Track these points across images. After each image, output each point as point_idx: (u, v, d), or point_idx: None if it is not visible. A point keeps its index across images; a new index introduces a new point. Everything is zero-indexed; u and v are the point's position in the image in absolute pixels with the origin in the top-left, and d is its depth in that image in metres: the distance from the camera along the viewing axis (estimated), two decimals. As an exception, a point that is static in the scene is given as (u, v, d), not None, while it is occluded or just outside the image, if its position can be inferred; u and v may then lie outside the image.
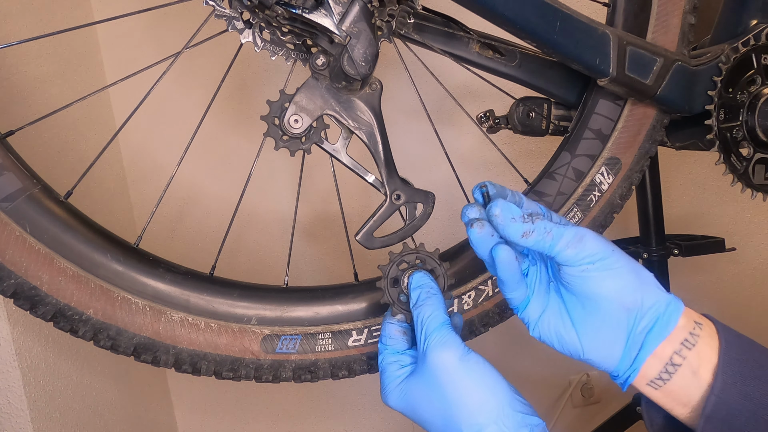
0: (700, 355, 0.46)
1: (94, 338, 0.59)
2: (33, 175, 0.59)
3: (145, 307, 0.61)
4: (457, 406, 0.49)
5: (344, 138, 0.62)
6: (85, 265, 0.59)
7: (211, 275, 0.66)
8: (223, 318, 0.63)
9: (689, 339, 0.47)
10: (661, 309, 0.47)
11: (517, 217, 0.48)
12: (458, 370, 0.50)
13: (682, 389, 0.47)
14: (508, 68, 0.72)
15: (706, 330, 0.47)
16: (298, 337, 0.65)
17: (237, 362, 0.63)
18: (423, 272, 0.58)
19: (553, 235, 0.47)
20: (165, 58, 0.64)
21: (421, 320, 0.53)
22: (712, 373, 0.46)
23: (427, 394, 0.51)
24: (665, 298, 0.48)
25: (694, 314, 0.49)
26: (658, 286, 0.49)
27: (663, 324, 0.47)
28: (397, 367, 0.56)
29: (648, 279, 0.49)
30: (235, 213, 0.69)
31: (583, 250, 0.47)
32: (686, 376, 0.47)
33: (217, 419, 1.35)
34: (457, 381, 0.50)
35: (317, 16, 0.54)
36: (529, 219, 0.48)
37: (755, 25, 0.73)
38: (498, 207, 0.48)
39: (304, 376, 0.64)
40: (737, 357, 0.46)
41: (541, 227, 0.48)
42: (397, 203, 0.62)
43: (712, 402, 0.45)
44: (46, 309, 0.57)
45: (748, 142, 0.71)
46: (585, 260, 0.47)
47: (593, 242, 0.47)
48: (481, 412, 0.48)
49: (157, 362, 0.61)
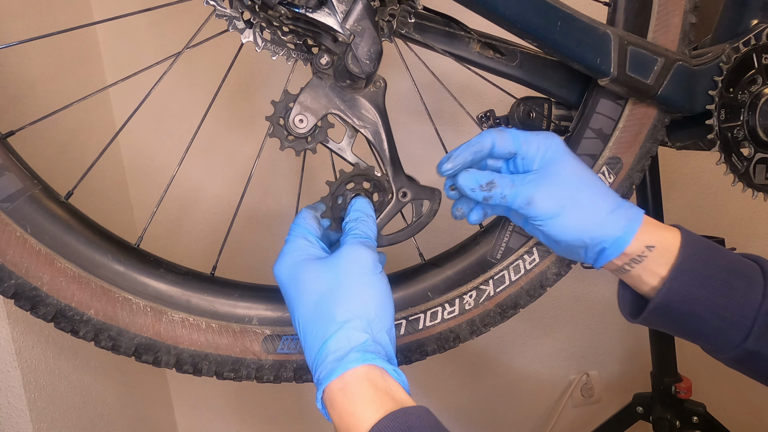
0: (646, 269, 0.57)
1: (95, 339, 0.59)
2: (33, 176, 0.59)
3: (146, 308, 0.61)
4: (343, 297, 0.51)
5: (349, 137, 0.62)
6: (86, 266, 0.59)
7: (212, 275, 0.66)
8: (224, 318, 0.63)
9: (636, 259, 0.57)
10: (609, 243, 0.57)
11: (477, 187, 0.57)
12: (362, 267, 0.53)
13: (634, 283, 0.60)
14: (509, 68, 0.72)
15: (659, 251, 0.57)
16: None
17: (238, 362, 0.63)
18: (367, 200, 0.60)
19: (508, 200, 0.57)
20: (165, 58, 0.64)
21: (351, 228, 0.58)
22: (659, 280, 0.57)
23: (323, 277, 0.53)
24: (614, 236, 0.56)
25: (652, 237, 0.57)
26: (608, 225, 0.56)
27: (613, 251, 0.57)
28: (305, 244, 0.57)
29: (600, 221, 0.56)
30: (236, 213, 0.69)
31: (533, 211, 0.56)
32: (633, 279, 0.59)
33: (217, 419, 1.35)
34: (355, 277, 0.52)
35: (321, 15, 0.54)
36: (487, 187, 0.57)
37: (756, 24, 0.73)
38: (462, 179, 0.58)
39: (306, 376, 0.64)
40: (686, 269, 0.56)
41: (498, 194, 0.57)
42: (404, 200, 0.62)
43: (656, 301, 0.57)
44: (47, 309, 0.57)
45: (749, 142, 0.71)
46: (537, 218, 0.57)
47: (543, 206, 0.56)
48: (359, 310, 0.51)
49: (158, 363, 0.61)
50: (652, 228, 0.57)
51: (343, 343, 0.50)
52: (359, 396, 0.47)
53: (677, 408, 1.09)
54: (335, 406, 0.48)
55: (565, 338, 1.44)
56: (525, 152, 0.58)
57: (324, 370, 0.49)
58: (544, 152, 0.57)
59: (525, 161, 0.58)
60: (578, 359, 1.46)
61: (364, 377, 0.48)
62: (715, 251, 0.58)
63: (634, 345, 1.46)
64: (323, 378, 0.49)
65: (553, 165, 0.57)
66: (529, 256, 0.69)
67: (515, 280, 0.69)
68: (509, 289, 0.69)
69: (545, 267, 0.70)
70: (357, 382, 0.48)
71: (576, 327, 1.44)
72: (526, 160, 0.58)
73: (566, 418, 1.47)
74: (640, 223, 0.57)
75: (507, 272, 0.69)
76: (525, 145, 0.58)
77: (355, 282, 0.52)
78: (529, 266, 0.69)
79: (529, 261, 0.69)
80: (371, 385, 0.48)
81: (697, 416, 1.07)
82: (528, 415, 1.47)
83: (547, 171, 0.57)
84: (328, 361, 0.49)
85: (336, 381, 0.48)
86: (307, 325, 0.52)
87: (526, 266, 0.69)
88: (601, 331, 1.45)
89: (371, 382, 0.48)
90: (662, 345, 1.11)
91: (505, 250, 0.69)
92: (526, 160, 0.58)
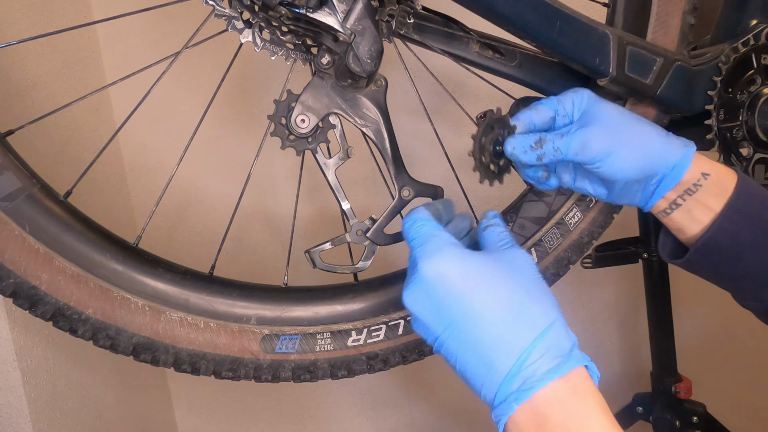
0: (699, 202, 0.58)
1: (93, 338, 0.59)
2: (33, 175, 0.59)
3: (145, 307, 0.61)
4: (539, 297, 0.47)
5: (340, 158, 0.62)
6: (85, 265, 0.59)
7: (211, 275, 0.66)
8: (223, 318, 0.63)
9: (691, 189, 0.57)
10: (668, 171, 0.57)
11: (528, 148, 0.57)
12: (535, 269, 0.50)
13: (683, 221, 0.59)
14: (508, 68, 0.72)
15: (713, 182, 0.57)
16: (297, 336, 0.65)
17: (236, 362, 0.63)
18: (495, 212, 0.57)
19: (562, 151, 0.56)
20: (165, 57, 0.64)
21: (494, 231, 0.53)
22: (711, 217, 0.57)
23: (505, 272, 0.47)
24: (672, 162, 0.57)
25: (707, 165, 0.57)
26: (665, 152, 0.57)
27: (671, 179, 0.57)
28: (450, 237, 0.49)
29: (656, 149, 0.57)
30: (235, 212, 0.69)
31: (589, 154, 0.55)
32: (685, 214, 0.59)
33: (217, 419, 1.35)
34: (538, 278, 0.49)
35: (321, 15, 0.54)
36: (537, 145, 0.57)
37: (755, 25, 0.73)
38: (510, 145, 0.58)
39: (304, 375, 0.64)
40: (740, 207, 0.56)
41: (550, 148, 0.56)
42: (406, 199, 0.62)
43: (706, 237, 0.57)
44: (45, 308, 0.57)
45: (748, 142, 0.71)
46: (594, 160, 0.56)
47: (597, 145, 0.55)
48: (556, 312, 0.47)
49: (156, 362, 0.61)
50: (705, 158, 0.58)
51: (563, 340, 0.45)
52: (593, 401, 0.43)
53: (677, 408, 1.09)
54: (558, 411, 0.42)
55: (564, 338, 1.44)
56: (562, 110, 0.59)
57: (542, 368, 0.43)
58: (580, 102, 0.59)
59: (565, 118, 0.59)
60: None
61: (589, 380, 0.44)
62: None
63: (634, 345, 1.46)
64: (542, 376, 0.42)
65: (593, 110, 0.58)
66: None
67: None
68: None
69: (543, 268, 0.70)
70: (587, 385, 0.44)
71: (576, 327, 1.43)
72: (565, 117, 0.59)
73: (566, 418, 1.46)
74: (695, 148, 0.57)
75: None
76: (560, 104, 0.59)
77: (540, 283, 0.48)
78: None
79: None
80: (597, 392, 0.44)
81: (697, 416, 1.06)
82: (528, 415, 1.47)
83: (589, 116, 0.58)
84: (549, 357, 0.43)
85: (563, 379, 0.43)
86: (503, 322, 0.44)
87: None
88: (601, 331, 1.45)
89: (596, 390, 0.44)
90: (662, 345, 1.11)
91: None
92: (566, 116, 0.59)
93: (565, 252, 0.71)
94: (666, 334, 1.11)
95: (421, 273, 0.47)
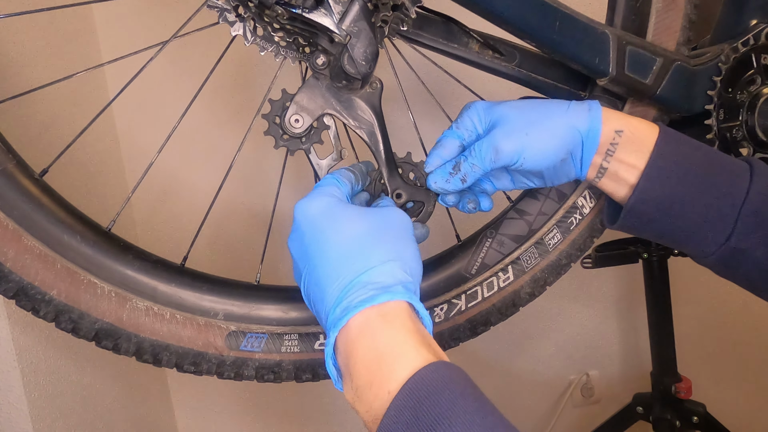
0: (621, 162, 0.58)
1: (55, 320, 0.58)
2: (9, 150, 0.58)
3: (111, 293, 0.60)
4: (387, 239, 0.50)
5: (333, 159, 0.62)
6: (54, 245, 0.58)
7: (182, 266, 0.65)
8: (190, 310, 0.62)
9: (610, 150, 0.58)
10: (584, 138, 0.57)
11: (448, 176, 0.59)
12: (406, 225, 0.53)
13: (612, 184, 0.60)
14: (508, 68, 0.72)
15: (628, 138, 0.57)
16: (264, 336, 0.64)
17: (199, 356, 0.62)
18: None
19: (479, 165, 0.57)
20: (157, 43, 0.64)
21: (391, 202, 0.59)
22: (636, 176, 0.57)
23: (366, 219, 0.50)
24: (584, 129, 0.57)
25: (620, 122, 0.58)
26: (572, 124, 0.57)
27: (589, 149, 0.58)
28: (339, 191, 0.54)
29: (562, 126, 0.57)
30: (212, 206, 0.68)
31: (505, 157, 0.57)
32: (612, 176, 0.59)
33: (217, 419, 1.35)
34: (400, 230, 0.52)
35: (317, 16, 0.54)
36: (456, 170, 0.59)
37: (755, 24, 0.73)
38: (432, 181, 0.60)
39: (267, 375, 0.64)
40: (663, 164, 0.56)
41: (467, 167, 0.58)
42: (398, 202, 0.62)
43: (633, 199, 0.57)
44: (8, 286, 0.56)
45: (748, 142, 0.71)
46: (512, 161, 0.57)
47: (508, 146, 0.56)
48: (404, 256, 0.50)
49: (117, 350, 0.60)
50: (617, 115, 0.58)
51: (387, 277, 0.47)
52: (400, 325, 0.44)
53: (677, 408, 1.09)
54: (367, 334, 0.44)
55: (565, 338, 1.44)
56: (465, 132, 0.60)
57: (359, 297, 0.46)
58: (477, 115, 0.60)
59: (473, 136, 0.60)
60: (578, 359, 1.46)
61: (406, 311, 0.46)
62: (695, 147, 0.57)
63: (634, 345, 1.46)
64: (357, 304, 0.45)
65: (493, 116, 0.59)
66: (503, 273, 0.69)
67: (487, 297, 0.68)
68: (481, 306, 0.68)
69: (519, 286, 0.69)
70: (399, 313, 0.45)
71: (576, 327, 1.44)
72: (472, 134, 0.60)
73: (566, 418, 1.47)
74: (600, 107, 0.58)
75: (480, 288, 0.69)
76: (459, 128, 0.60)
77: (400, 233, 0.51)
78: (503, 284, 0.69)
79: (503, 279, 0.69)
80: (411, 320, 0.45)
81: (697, 416, 1.07)
82: (528, 415, 1.47)
83: (492, 123, 0.59)
84: (368, 288, 0.46)
85: (375, 307, 0.45)
86: (341, 257, 0.48)
87: (500, 284, 0.69)
88: (601, 331, 1.45)
89: (411, 319, 0.46)
90: (662, 345, 1.11)
91: (480, 265, 0.69)
92: (472, 134, 0.60)
93: (542, 272, 0.69)
94: (666, 334, 1.11)
95: (294, 214, 0.52)
